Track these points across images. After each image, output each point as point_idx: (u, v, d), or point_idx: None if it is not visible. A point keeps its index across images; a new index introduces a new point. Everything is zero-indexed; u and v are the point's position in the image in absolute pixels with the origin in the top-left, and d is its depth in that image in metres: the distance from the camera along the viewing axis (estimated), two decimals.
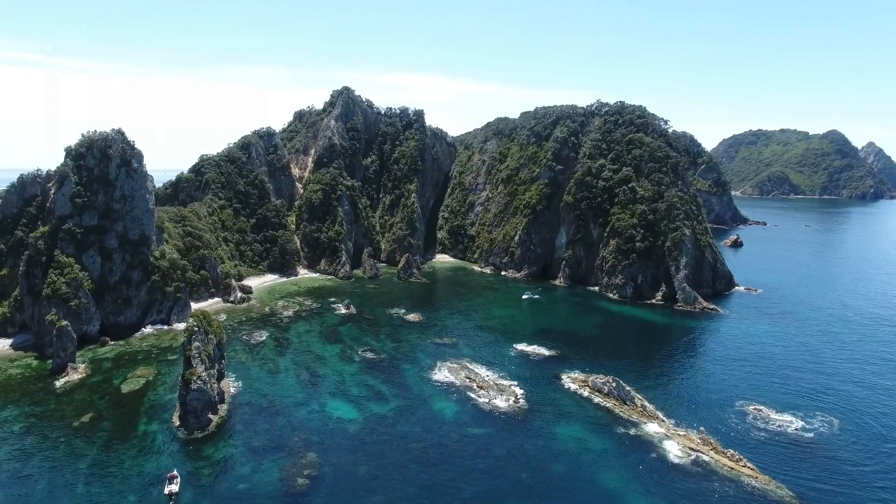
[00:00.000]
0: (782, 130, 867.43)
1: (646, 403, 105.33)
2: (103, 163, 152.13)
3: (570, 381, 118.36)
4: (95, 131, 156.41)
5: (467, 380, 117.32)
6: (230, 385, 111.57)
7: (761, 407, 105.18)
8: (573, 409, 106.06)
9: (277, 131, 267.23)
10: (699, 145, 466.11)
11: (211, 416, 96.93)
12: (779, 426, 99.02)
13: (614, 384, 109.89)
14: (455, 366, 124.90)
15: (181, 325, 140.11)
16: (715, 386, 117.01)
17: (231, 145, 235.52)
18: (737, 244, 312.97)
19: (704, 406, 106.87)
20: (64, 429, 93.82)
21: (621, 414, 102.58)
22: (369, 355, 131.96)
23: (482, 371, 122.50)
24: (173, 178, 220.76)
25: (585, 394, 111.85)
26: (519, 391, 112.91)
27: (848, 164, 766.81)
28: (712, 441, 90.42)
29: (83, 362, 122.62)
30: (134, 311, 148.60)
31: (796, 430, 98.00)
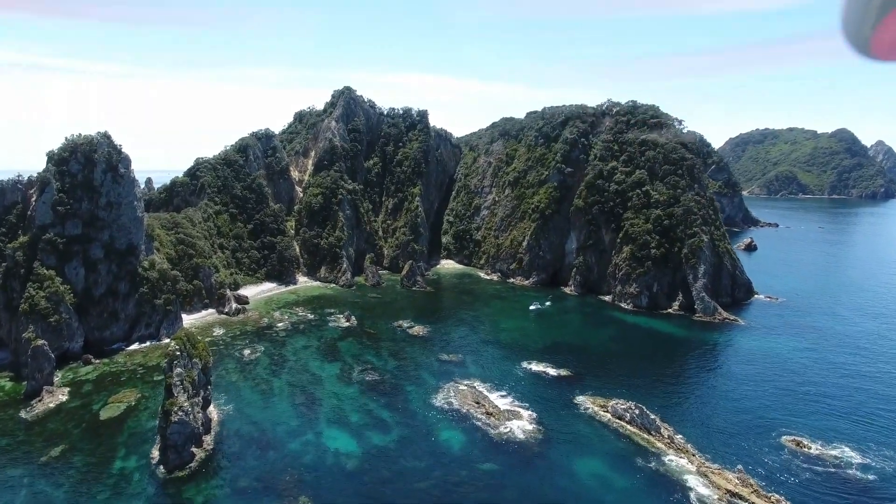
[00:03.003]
0: (790, 129, 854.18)
1: (673, 434, 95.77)
2: (88, 168, 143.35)
3: (588, 403, 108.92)
4: (80, 135, 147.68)
5: (475, 404, 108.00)
6: (217, 411, 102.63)
7: (803, 439, 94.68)
8: (592, 439, 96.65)
9: (276, 133, 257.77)
10: (709, 145, 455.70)
11: (194, 449, 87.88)
12: (828, 464, 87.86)
13: (637, 411, 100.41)
14: (462, 388, 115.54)
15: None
16: (747, 412, 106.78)
17: (228, 147, 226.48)
18: (751, 248, 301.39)
19: (737, 436, 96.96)
20: (29, 466, 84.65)
21: (646, 445, 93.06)
22: (370, 375, 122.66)
23: (491, 394, 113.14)
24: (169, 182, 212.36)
25: (605, 419, 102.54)
26: (532, 415, 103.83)
27: (857, 163, 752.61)
28: (752, 482, 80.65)
29: (62, 384, 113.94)
30: (121, 325, 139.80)
31: (849, 467, 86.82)
